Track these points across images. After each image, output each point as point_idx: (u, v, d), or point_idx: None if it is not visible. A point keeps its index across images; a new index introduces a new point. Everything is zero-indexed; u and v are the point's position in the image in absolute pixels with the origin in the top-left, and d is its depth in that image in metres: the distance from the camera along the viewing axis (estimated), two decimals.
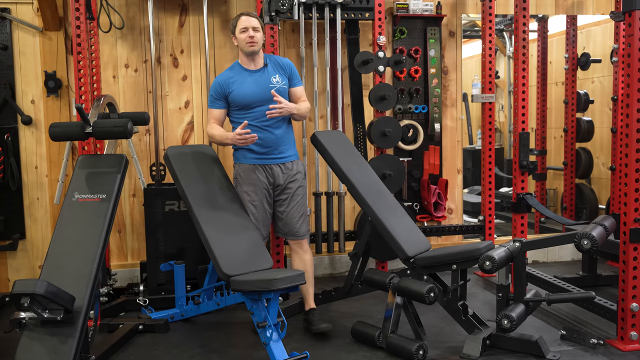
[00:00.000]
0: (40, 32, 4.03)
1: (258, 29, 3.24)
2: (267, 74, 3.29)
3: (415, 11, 4.48)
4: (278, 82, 3.28)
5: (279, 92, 3.22)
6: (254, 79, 3.27)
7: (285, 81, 3.31)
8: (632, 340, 2.97)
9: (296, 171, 3.35)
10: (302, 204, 3.38)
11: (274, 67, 3.32)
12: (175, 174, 3.24)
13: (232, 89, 3.26)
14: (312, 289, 3.44)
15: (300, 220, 3.36)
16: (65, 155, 3.18)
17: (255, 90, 3.24)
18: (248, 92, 3.24)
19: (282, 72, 3.32)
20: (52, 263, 2.60)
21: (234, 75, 3.29)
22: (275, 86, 3.25)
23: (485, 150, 4.45)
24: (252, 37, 3.20)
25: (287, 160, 3.32)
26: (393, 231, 3.20)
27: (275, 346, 2.72)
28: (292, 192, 3.33)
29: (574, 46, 5.23)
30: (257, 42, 3.22)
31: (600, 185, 5.51)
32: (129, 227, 4.28)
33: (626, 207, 2.95)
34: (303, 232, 3.38)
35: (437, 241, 4.71)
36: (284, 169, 3.30)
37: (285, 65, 3.35)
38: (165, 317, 3.48)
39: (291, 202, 3.33)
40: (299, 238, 3.37)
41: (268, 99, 3.19)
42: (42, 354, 2.31)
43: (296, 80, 3.37)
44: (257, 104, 3.24)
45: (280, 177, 3.29)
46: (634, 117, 2.89)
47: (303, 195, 3.38)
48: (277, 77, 3.29)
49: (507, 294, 2.99)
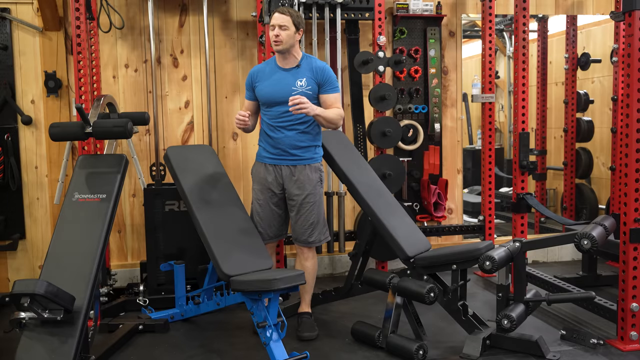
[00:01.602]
0: (40, 32, 4.03)
1: (286, 27, 3.08)
2: (293, 76, 3.16)
3: (415, 11, 4.48)
4: (302, 86, 3.14)
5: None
6: (279, 78, 3.18)
7: (311, 86, 3.14)
8: (632, 340, 2.97)
9: (309, 176, 3.20)
10: (314, 211, 3.23)
11: (305, 70, 3.17)
12: (175, 174, 3.24)
13: (257, 83, 3.23)
14: (309, 295, 3.42)
15: (310, 229, 3.25)
16: (65, 155, 3.18)
17: (276, 89, 3.17)
18: (268, 90, 3.19)
19: (313, 76, 3.15)
20: (52, 263, 2.60)
21: (265, 70, 3.25)
22: (297, 90, 3.12)
23: (485, 150, 4.45)
24: (277, 35, 3.09)
25: (300, 164, 3.20)
26: (393, 231, 3.20)
27: (275, 346, 2.72)
28: (300, 200, 3.21)
29: (574, 46, 5.23)
30: (281, 40, 3.09)
31: (600, 185, 5.51)
32: (129, 227, 4.28)
33: (626, 207, 2.95)
34: (314, 240, 3.27)
35: (437, 241, 4.71)
36: (294, 171, 3.20)
37: (318, 70, 3.17)
38: (165, 317, 3.48)
39: (301, 208, 3.22)
40: (309, 245, 3.30)
41: (287, 100, 3.05)
42: (42, 354, 2.31)
43: (329, 87, 3.17)
44: (274, 103, 3.17)
45: (289, 180, 3.20)
46: (634, 117, 2.89)
47: (315, 202, 3.23)
48: (303, 81, 3.14)
49: (507, 294, 2.99)
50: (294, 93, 3.10)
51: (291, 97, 3.02)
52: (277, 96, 3.16)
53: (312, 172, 3.23)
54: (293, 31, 3.12)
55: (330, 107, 3.16)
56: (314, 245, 3.31)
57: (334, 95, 3.19)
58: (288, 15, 3.12)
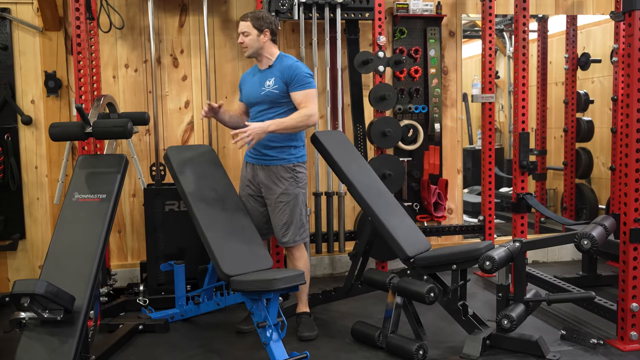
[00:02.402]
0: (40, 32, 4.03)
1: (247, 33, 3.19)
2: (265, 77, 3.24)
3: (415, 11, 4.48)
4: (269, 85, 3.20)
5: (268, 96, 3.19)
6: (254, 80, 3.32)
7: (278, 85, 3.18)
8: (632, 340, 2.97)
9: (282, 176, 3.23)
10: (286, 212, 3.24)
11: (276, 70, 3.23)
12: (175, 174, 3.24)
13: (243, 85, 3.44)
14: (305, 295, 3.43)
15: (283, 228, 3.26)
16: (65, 155, 3.18)
17: (250, 89, 3.33)
18: (245, 93, 3.39)
19: (281, 75, 3.19)
20: (52, 263, 2.59)
21: (249, 73, 3.42)
22: (265, 90, 3.21)
23: (485, 150, 4.45)
24: (241, 42, 3.23)
25: (273, 164, 3.24)
26: (393, 231, 3.20)
27: (275, 346, 2.72)
28: (273, 199, 3.26)
29: (574, 46, 5.24)
30: (246, 46, 3.22)
31: (600, 185, 5.51)
32: (129, 227, 4.28)
33: (626, 207, 2.95)
34: (288, 240, 3.28)
35: (437, 241, 4.70)
36: (267, 172, 3.26)
37: (285, 68, 3.20)
38: (165, 317, 3.48)
39: (275, 208, 3.27)
40: (283, 245, 3.32)
41: (258, 100, 3.25)
42: (42, 354, 2.31)
43: (296, 85, 3.17)
44: (250, 103, 3.35)
45: (262, 180, 3.28)
46: (634, 117, 2.89)
47: (288, 202, 3.24)
48: (272, 81, 3.20)
49: (507, 294, 2.99)
50: (262, 93, 3.23)
51: (262, 106, 3.23)
52: (250, 97, 3.33)
53: (285, 172, 3.25)
54: (256, 34, 3.20)
55: (299, 104, 3.17)
56: (288, 245, 3.31)
57: (301, 92, 3.17)
58: (248, 20, 3.21)
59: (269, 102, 3.22)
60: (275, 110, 3.22)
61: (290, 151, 3.27)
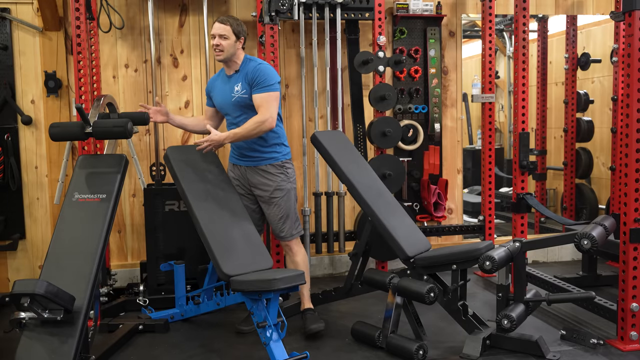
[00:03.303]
0: (40, 32, 4.03)
1: (226, 37, 3.15)
2: (233, 82, 3.23)
3: (415, 11, 4.48)
4: (238, 91, 3.20)
5: (239, 102, 3.20)
6: (223, 86, 3.30)
7: (246, 90, 3.17)
8: (632, 340, 2.97)
9: (273, 173, 3.27)
10: (282, 206, 3.29)
11: (242, 74, 3.21)
12: (175, 174, 3.25)
13: (212, 93, 3.40)
14: (307, 290, 3.44)
15: (281, 222, 3.31)
16: (65, 155, 3.18)
17: (221, 98, 3.31)
18: (217, 101, 3.36)
19: (245, 78, 3.18)
20: (52, 263, 2.60)
21: (217, 79, 3.39)
22: (235, 95, 3.21)
23: (485, 150, 4.45)
24: (218, 45, 3.16)
25: (262, 164, 3.28)
26: (393, 231, 3.20)
27: (275, 346, 2.72)
28: (267, 197, 3.29)
29: (574, 46, 5.23)
30: (222, 50, 3.16)
31: (600, 185, 5.50)
32: (129, 227, 4.28)
33: (626, 207, 2.95)
34: (285, 235, 3.33)
35: (437, 241, 4.70)
36: (258, 171, 3.28)
37: (249, 72, 3.18)
38: (165, 317, 3.48)
39: (270, 204, 3.30)
40: (283, 240, 3.36)
41: (230, 107, 3.26)
42: (42, 354, 2.32)
43: (257, 88, 3.14)
44: (224, 111, 3.35)
45: (253, 179, 3.30)
46: (634, 117, 2.89)
47: (282, 197, 3.29)
48: (239, 86, 3.19)
49: (507, 294, 2.99)
50: (232, 100, 3.23)
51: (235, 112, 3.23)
52: (223, 105, 3.32)
53: (274, 169, 3.29)
54: (234, 40, 3.18)
55: (257, 108, 3.14)
56: (286, 239, 3.35)
57: (260, 95, 3.14)
58: (228, 24, 3.17)
59: (242, 108, 3.22)
60: (251, 114, 3.18)
61: (276, 149, 3.31)
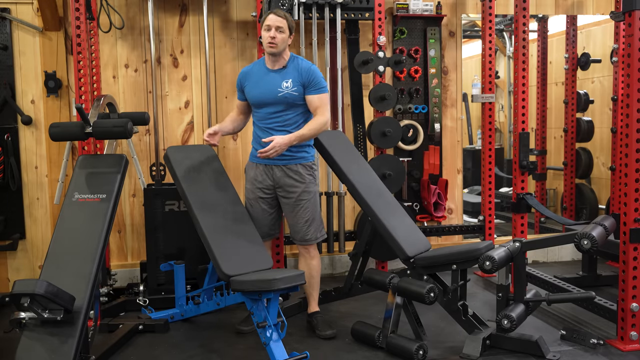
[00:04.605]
0: (40, 32, 4.03)
1: (283, 30, 3.10)
2: (280, 77, 3.16)
3: (415, 11, 4.48)
4: (288, 87, 3.14)
5: (286, 98, 3.14)
6: (267, 79, 3.19)
7: (297, 88, 3.14)
8: (632, 340, 2.97)
9: (302, 174, 3.22)
10: (309, 209, 3.25)
11: (292, 71, 3.17)
12: (175, 174, 3.24)
13: (246, 84, 3.26)
14: (317, 293, 3.43)
15: (307, 225, 3.27)
16: (65, 155, 3.18)
17: (263, 90, 3.19)
18: (256, 92, 3.22)
19: (299, 77, 3.15)
20: (52, 263, 2.60)
21: (254, 71, 3.27)
22: (283, 91, 3.14)
23: (485, 150, 4.45)
24: (274, 37, 3.09)
25: (292, 163, 3.22)
26: (393, 231, 3.20)
27: (275, 346, 2.72)
28: (294, 198, 3.22)
29: (574, 46, 5.23)
30: (277, 43, 3.10)
31: (600, 185, 5.51)
32: (129, 227, 4.28)
33: (626, 207, 2.95)
34: (310, 237, 3.29)
35: (437, 241, 4.70)
36: (287, 171, 3.21)
37: (303, 70, 3.16)
38: (165, 317, 3.48)
39: (296, 207, 3.24)
40: (306, 243, 3.31)
41: (274, 101, 3.15)
42: (42, 354, 2.31)
43: (313, 89, 3.15)
44: (263, 104, 3.20)
45: (281, 180, 3.22)
46: (634, 117, 2.89)
47: (309, 199, 3.24)
48: (289, 82, 3.14)
49: (507, 294, 2.99)
50: (279, 95, 3.14)
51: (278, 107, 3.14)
52: (264, 98, 3.19)
53: (304, 170, 3.25)
54: (287, 34, 3.15)
55: (315, 109, 3.15)
56: (310, 243, 3.32)
57: (318, 96, 3.16)
58: (284, 18, 3.13)
59: (286, 104, 3.16)
60: (292, 111, 3.18)
61: (306, 149, 3.28)
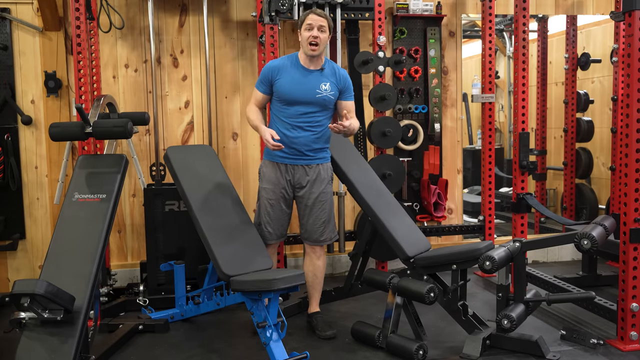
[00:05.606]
0: (40, 32, 4.03)
1: (325, 30, 3.09)
2: (318, 79, 3.16)
3: (415, 11, 4.48)
4: (327, 90, 3.16)
5: (324, 100, 3.16)
6: (304, 78, 3.16)
7: (334, 92, 3.18)
8: (632, 340, 2.97)
9: (322, 175, 3.23)
10: (326, 210, 3.26)
11: (329, 74, 3.19)
12: (175, 174, 3.24)
13: (279, 77, 3.16)
14: (319, 294, 3.42)
15: (322, 227, 3.26)
16: (65, 155, 3.18)
17: (301, 88, 3.14)
18: (293, 88, 3.14)
19: (336, 82, 3.19)
20: (52, 263, 2.60)
21: (287, 66, 3.19)
22: (321, 93, 3.15)
23: (485, 150, 4.45)
24: (316, 37, 3.07)
25: (313, 163, 3.21)
26: (393, 231, 3.20)
27: (275, 346, 2.72)
28: (313, 198, 3.22)
29: (574, 46, 5.23)
30: (319, 43, 3.08)
31: (600, 185, 5.51)
32: (129, 227, 4.28)
33: (626, 207, 2.95)
34: (325, 238, 3.30)
35: (437, 241, 4.70)
36: (308, 171, 3.21)
37: (341, 76, 3.23)
38: (165, 317, 3.48)
39: (314, 207, 3.23)
40: (320, 244, 3.31)
41: (310, 101, 3.14)
42: (42, 354, 2.31)
43: (348, 95, 3.25)
44: (297, 102, 3.15)
45: (303, 180, 3.21)
46: (634, 117, 2.89)
47: (326, 201, 3.25)
48: (327, 85, 3.16)
49: (507, 294, 2.99)
50: (317, 95, 3.15)
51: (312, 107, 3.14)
52: (300, 96, 3.14)
53: (324, 171, 3.26)
54: (328, 35, 3.15)
55: (349, 113, 3.15)
56: (325, 244, 3.32)
57: (351, 102, 3.27)
58: (325, 18, 3.11)
59: (322, 106, 3.18)
60: (323, 113, 3.20)
61: (326, 151, 3.30)
